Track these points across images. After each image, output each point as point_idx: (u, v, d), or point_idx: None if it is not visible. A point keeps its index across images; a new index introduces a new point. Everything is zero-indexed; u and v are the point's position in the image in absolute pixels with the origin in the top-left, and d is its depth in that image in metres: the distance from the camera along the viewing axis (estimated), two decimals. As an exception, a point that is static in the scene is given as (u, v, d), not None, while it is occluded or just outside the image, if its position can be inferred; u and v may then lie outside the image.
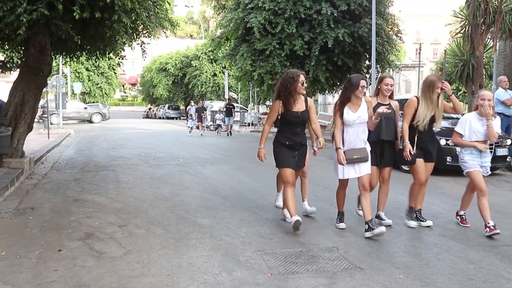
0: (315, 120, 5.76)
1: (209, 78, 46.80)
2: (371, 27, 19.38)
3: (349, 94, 5.41)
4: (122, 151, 15.47)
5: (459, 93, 31.71)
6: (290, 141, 5.59)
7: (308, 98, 5.71)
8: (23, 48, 11.82)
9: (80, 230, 5.77)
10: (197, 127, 26.05)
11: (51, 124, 23.96)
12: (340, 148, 5.42)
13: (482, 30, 17.84)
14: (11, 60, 12.71)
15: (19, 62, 12.43)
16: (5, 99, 11.35)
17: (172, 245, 5.18)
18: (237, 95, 41.34)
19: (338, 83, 23.42)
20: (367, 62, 23.12)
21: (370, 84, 21.24)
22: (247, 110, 36.39)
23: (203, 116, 26.72)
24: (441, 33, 54.66)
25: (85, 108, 39.98)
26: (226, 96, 39.04)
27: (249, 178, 9.95)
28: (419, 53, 44.35)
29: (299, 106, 5.53)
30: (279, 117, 5.55)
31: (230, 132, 26.20)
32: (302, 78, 5.42)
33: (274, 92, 5.71)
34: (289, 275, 4.27)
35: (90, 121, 38.58)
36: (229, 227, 5.93)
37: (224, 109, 26.97)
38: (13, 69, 12.91)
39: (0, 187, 7.79)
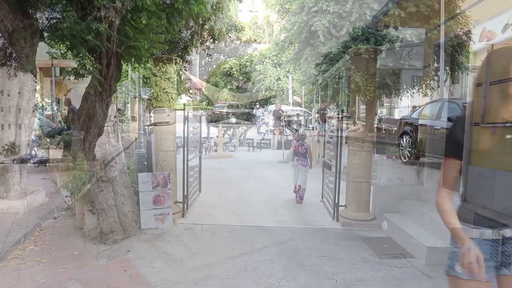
0: None
1: (273, 82, 46.96)
2: (439, 28, 18.80)
3: None
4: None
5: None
6: None
7: None
8: (94, 54, 12.31)
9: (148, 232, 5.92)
10: (272, 132, 22.28)
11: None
12: None
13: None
14: (83, 67, 13.27)
15: (91, 68, 12.96)
16: (77, 105, 11.86)
17: (237, 248, 5.20)
18: (301, 99, 41.18)
19: (404, 86, 22.85)
20: (435, 64, 22.43)
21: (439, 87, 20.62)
22: (311, 114, 36.19)
23: (281, 121, 22.85)
24: (515, 33, 52.19)
25: None
26: (290, 101, 38.93)
27: (315, 183, 9.84)
28: (491, 55, 42.50)
29: None
30: None
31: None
32: None
33: None
34: (355, 282, 4.18)
35: None
36: (293, 232, 5.89)
37: (317, 115, 22.47)
38: (85, 76, 13.48)
39: (73, 188, 8.11)
